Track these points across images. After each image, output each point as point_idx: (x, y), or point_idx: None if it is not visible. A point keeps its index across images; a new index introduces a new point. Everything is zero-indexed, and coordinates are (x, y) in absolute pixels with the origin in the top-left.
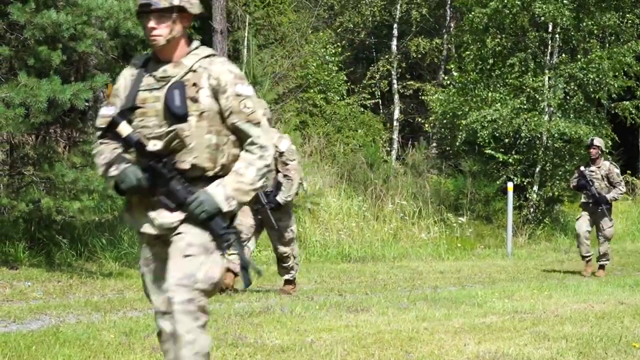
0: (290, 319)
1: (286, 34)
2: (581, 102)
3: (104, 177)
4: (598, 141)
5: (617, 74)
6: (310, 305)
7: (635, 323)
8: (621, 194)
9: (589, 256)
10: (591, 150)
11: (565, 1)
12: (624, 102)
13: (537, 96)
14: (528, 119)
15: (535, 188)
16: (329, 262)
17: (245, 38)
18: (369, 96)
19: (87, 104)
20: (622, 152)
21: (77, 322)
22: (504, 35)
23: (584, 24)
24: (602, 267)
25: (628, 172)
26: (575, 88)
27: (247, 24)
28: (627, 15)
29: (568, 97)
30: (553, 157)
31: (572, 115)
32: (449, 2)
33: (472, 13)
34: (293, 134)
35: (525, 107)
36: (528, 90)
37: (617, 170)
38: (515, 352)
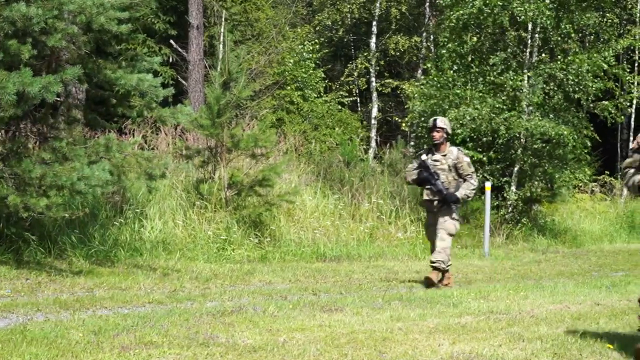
0: (262, 318)
1: (263, 30)
2: (561, 102)
3: None
4: (442, 122)
5: (596, 75)
6: (283, 304)
7: (611, 324)
8: (474, 189)
9: (448, 266)
10: (434, 133)
11: (546, 0)
12: (604, 102)
13: (518, 94)
14: (507, 119)
15: (514, 188)
16: (303, 261)
17: (222, 33)
18: (347, 94)
19: (58, 98)
20: (601, 152)
21: (45, 321)
22: (483, 35)
23: (563, 25)
24: (435, 268)
25: (606, 172)
26: (555, 88)
27: (223, 19)
28: (607, 14)
29: (547, 97)
30: (531, 157)
31: (551, 115)
32: (428, 1)
33: (456, 13)
34: (269, 131)
35: (504, 106)
36: (508, 89)
37: (468, 159)
38: (489, 352)
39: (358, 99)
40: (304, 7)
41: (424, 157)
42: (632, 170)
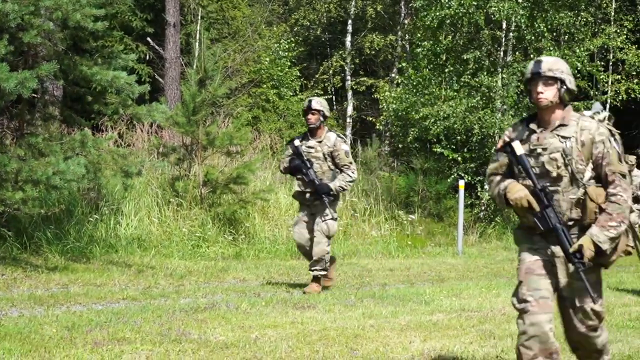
0: (235, 315)
1: (240, 29)
2: None
3: None
4: (318, 103)
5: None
6: (256, 301)
7: None
8: (351, 181)
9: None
10: (309, 116)
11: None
12: (576, 102)
13: (491, 94)
14: (481, 117)
15: (487, 186)
16: (278, 259)
17: (198, 31)
18: (322, 92)
19: (35, 95)
20: None
21: (20, 316)
22: (458, 33)
23: (537, 24)
24: (315, 279)
25: None
26: None
27: (200, 17)
28: (582, 14)
29: (521, 97)
30: None
31: (524, 114)
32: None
33: (431, 15)
34: (245, 129)
35: (479, 105)
36: (482, 88)
37: (346, 148)
38: (460, 349)
39: (333, 97)
40: (280, 6)
41: (296, 142)
42: (497, 178)
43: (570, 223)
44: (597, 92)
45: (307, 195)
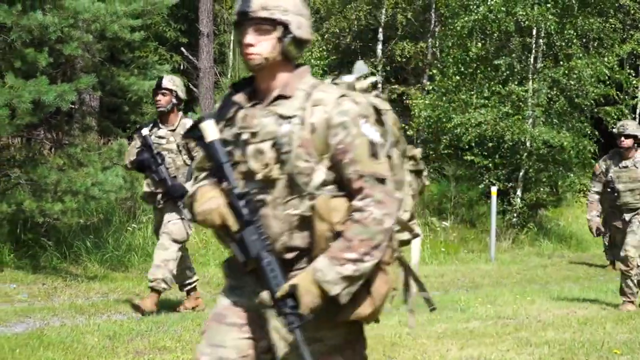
0: None
1: None
2: (565, 107)
3: None
4: (170, 81)
5: (600, 80)
6: None
7: (617, 329)
8: None
9: (192, 283)
10: (158, 97)
11: (548, 5)
12: (607, 107)
13: (521, 104)
14: (512, 125)
15: (519, 193)
16: None
17: (232, 41)
18: None
19: (72, 106)
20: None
21: (62, 325)
22: (488, 40)
23: (567, 30)
24: (153, 290)
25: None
26: (558, 93)
27: (233, 26)
28: (610, 20)
29: (552, 102)
30: (537, 162)
31: (555, 120)
32: (433, 6)
33: (460, 21)
34: None
35: (509, 112)
36: (513, 97)
37: None
38: (497, 357)
39: None
40: (311, 14)
41: (144, 131)
42: (202, 176)
43: (291, 255)
44: (626, 97)
45: (158, 196)
